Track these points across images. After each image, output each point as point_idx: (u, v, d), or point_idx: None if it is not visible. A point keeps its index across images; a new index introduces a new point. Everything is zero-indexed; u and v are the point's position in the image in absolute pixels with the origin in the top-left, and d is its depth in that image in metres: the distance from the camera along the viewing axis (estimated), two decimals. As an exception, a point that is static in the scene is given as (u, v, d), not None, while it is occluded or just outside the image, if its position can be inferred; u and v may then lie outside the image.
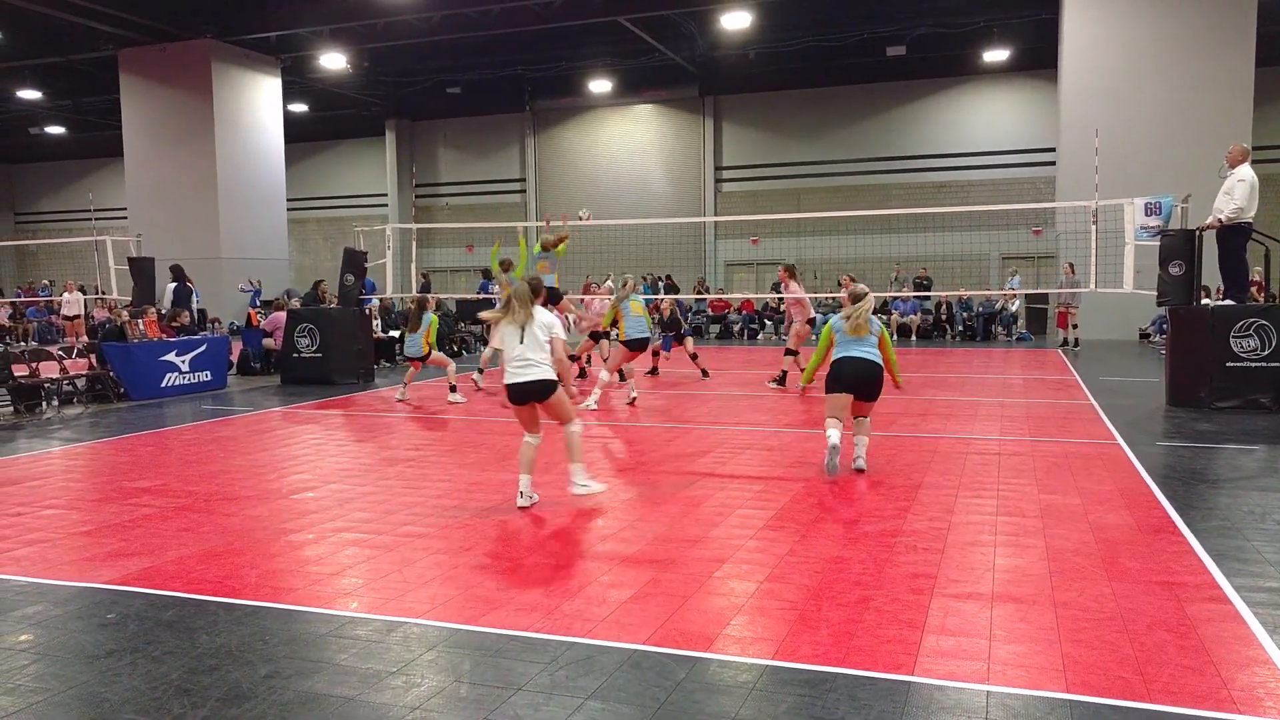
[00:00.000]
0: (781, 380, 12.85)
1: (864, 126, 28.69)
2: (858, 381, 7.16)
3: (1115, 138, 18.16)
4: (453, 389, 11.83)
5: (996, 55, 25.63)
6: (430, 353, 11.93)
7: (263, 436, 9.67)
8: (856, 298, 7.35)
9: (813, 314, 13.47)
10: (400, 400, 11.98)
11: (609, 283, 16.26)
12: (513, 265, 13.17)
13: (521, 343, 6.23)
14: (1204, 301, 10.99)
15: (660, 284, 25.53)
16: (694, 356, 14.52)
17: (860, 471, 7.24)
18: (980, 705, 3.35)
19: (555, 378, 6.25)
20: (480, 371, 13.20)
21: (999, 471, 7.30)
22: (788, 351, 13.12)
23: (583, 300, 15.23)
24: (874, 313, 7.46)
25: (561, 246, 12.36)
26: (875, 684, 3.53)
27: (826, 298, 21.82)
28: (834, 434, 6.96)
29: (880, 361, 7.26)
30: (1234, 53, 19.38)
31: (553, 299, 11.72)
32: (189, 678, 3.69)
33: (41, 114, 33.97)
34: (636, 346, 11.52)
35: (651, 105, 31.21)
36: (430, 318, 11.89)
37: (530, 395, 6.25)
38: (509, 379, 6.26)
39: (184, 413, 11.53)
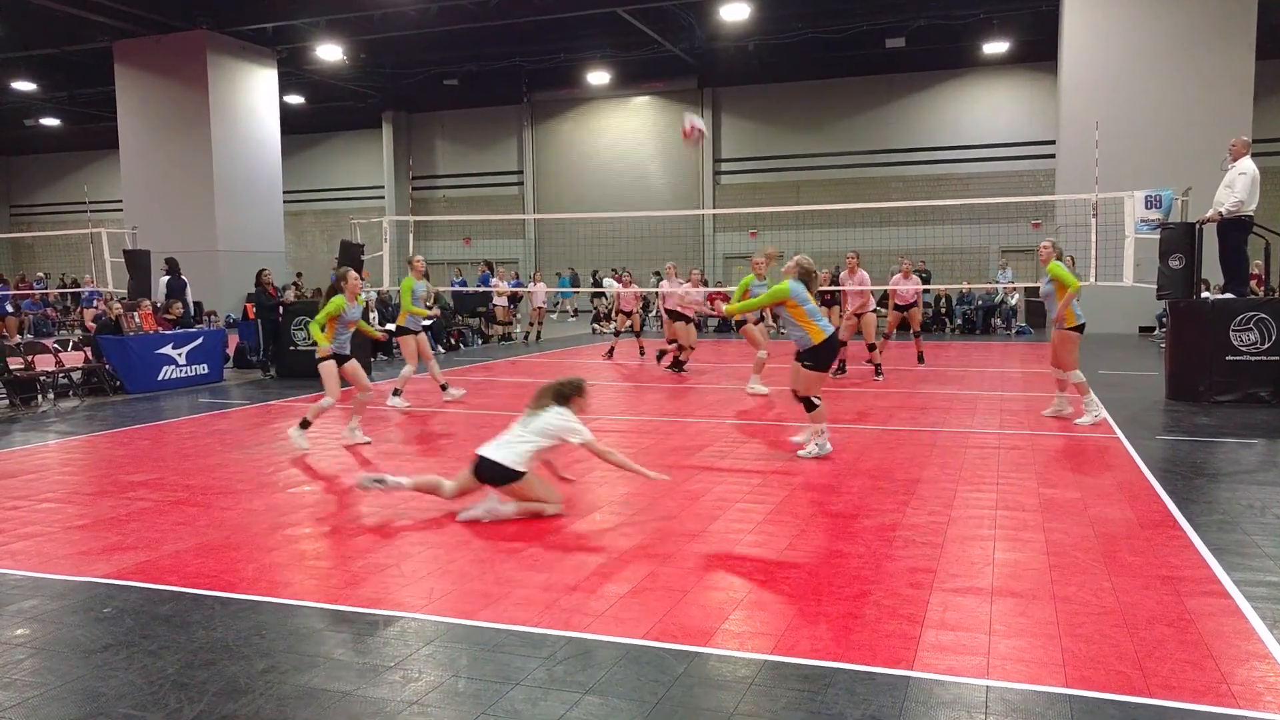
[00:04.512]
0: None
1: (863, 119, 28.65)
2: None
3: (1115, 131, 18.13)
4: None
5: (996, 47, 25.58)
6: None
7: (259, 430, 9.65)
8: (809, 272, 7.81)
9: (873, 304, 13.54)
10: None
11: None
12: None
13: None
14: (1204, 295, 10.97)
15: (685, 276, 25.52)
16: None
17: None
18: (980, 700, 3.34)
19: None
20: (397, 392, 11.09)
21: (998, 465, 7.29)
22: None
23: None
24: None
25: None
26: (874, 679, 3.52)
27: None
28: None
29: None
30: (1234, 45, 19.36)
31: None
32: (185, 672, 3.67)
33: (36, 106, 33.88)
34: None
35: (649, 97, 31.15)
36: None
37: None
38: None
39: (180, 406, 11.50)
